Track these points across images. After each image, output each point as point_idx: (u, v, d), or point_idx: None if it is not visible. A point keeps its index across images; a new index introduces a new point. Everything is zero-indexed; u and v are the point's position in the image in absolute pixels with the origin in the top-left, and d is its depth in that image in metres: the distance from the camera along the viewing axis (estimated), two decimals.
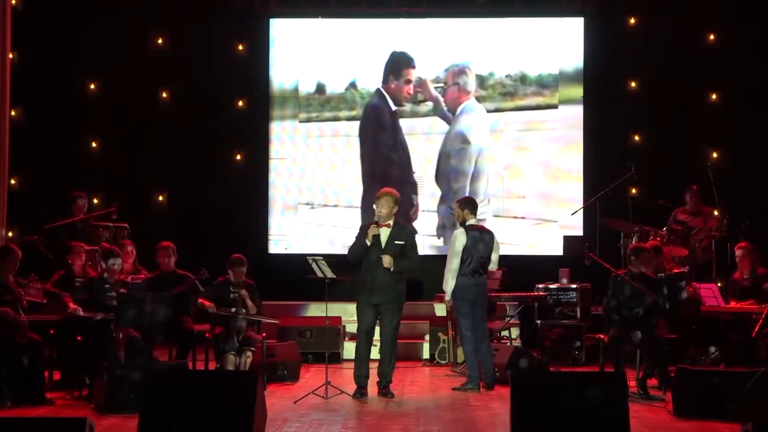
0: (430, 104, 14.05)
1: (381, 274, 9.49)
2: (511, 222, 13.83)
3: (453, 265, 9.93)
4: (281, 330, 11.89)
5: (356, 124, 14.18)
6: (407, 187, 13.83)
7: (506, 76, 14.02)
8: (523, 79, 14.01)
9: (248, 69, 14.20)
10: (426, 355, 12.19)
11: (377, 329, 9.74)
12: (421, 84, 14.05)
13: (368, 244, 9.51)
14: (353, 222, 13.77)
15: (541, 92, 13.99)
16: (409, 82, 14.08)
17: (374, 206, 9.71)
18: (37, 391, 9.10)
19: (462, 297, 9.95)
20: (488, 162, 13.96)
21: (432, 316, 12.57)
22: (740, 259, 10.76)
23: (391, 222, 9.61)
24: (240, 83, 14.22)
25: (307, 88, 14.23)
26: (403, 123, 14.10)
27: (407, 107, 14.11)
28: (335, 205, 14.14)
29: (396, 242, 9.56)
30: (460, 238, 9.97)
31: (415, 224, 13.22)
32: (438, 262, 12.59)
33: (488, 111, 13.98)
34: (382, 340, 9.66)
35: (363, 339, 9.63)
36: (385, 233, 9.56)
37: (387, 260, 9.45)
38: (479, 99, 13.99)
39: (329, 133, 14.23)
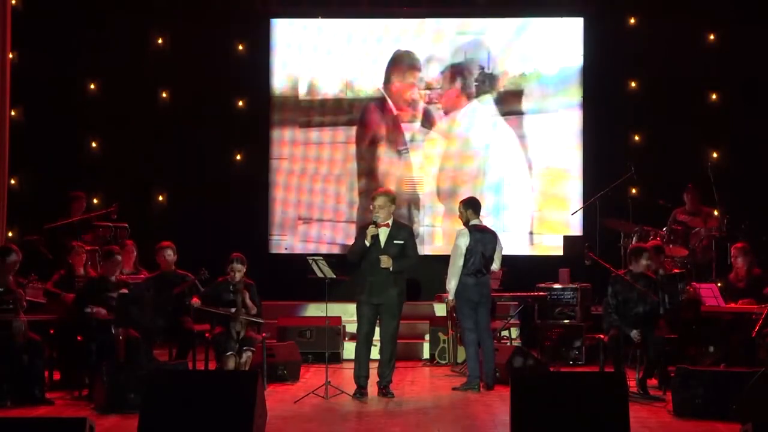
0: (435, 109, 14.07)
1: (381, 274, 9.49)
2: (516, 229, 13.85)
3: (456, 264, 9.94)
4: (281, 330, 11.90)
5: (356, 124, 14.18)
6: (410, 202, 13.87)
7: (506, 76, 14.01)
8: (522, 79, 14.00)
9: (248, 69, 14.19)
10: (426, 355, 12.19)
11: (377, 329, 9.74)
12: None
13: (367, 244, 9.50)
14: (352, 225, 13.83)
15: (540, 92, 13.98)
16: (412, 86, 14.02)
17: (371, 207, 9.71)
18: (37, 391, 9.10)
19: (465, 297, 9.95)
20: (494, 167, 13.95)
21: (432, 316, 12.57)
22: (735, 259, 10.76)
23: (390, 221, 9.60)
24: (240, 83, 14.21)
25: (307, 87, 14.21)
26: (405, 129, 14.11)
27: (409, 112, 14.08)
28: (336, 203, 14.17)
29: (395, 242, 9.55)
30: (463, 237, 9.97)
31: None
32: (436, 262, 12.65)
33: (488, 109, 13.98)
34: (382, 340, 9.65)
35: (363, 339, 9.63)
36: (384, 233, 9.56)
37: (385, 260, 9.45)
38: (479, 99, 14.00)
39: (330, 133, 14.21)
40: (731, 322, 10.41)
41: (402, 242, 9.58)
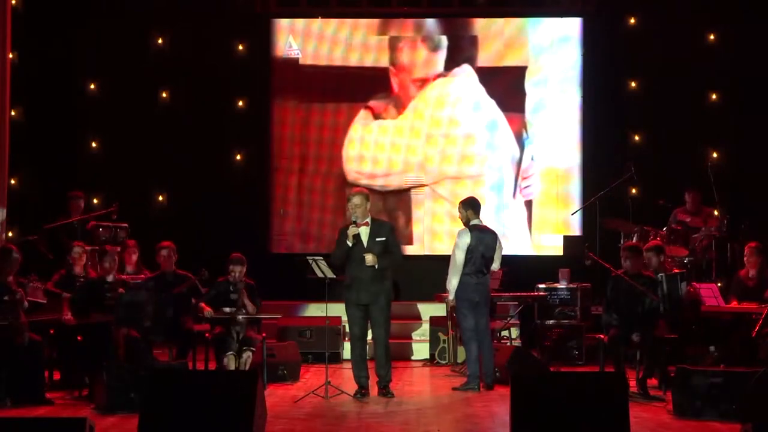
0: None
1: (366, 273, 9.48)
2: (513, 223, 13.86)
3: (456, 264, 9.94)
4: (281, 330, 11.90)
5: (357, 123, 14.16)
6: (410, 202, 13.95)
7: (506, 76, 14.01)
8: (522, 78, 14.00)
9: (248, 69, 14.20)
10: (419, 355, 12.19)
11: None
12: None
13: (350, 245, 9.50)
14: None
15: (540, 92, 13.97)
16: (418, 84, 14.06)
17: (347, 208, 9.72)
18: (37, 391, 9.10)
19: (464, 296, 9.95)
20: (494, 167, 13.97)
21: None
22: (748, 258, 10.71)
23: (368, 220, 9.60)
24: (240, 83, 14.21)
25: (307, 87, 14.21)
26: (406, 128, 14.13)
27: (410, 113, 14.08)
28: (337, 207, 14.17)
29: (378, 239, 9.54)
30: (464, 237, 9.97)
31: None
32: (436, 262, 12.66)
33: (488, 110, 13.97)
34: (375, 341, 9.65)
35: (357, 340, 9.62)
36: (365, 232, 9.54)
37: (370, 258, 9.43)
38: (480, 100, 14.00)
39: (330, 133, 14.21)
40: (731, 322, 10.40)
41: (384, 239, 9.57)
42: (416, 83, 14.05)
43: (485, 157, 13.96)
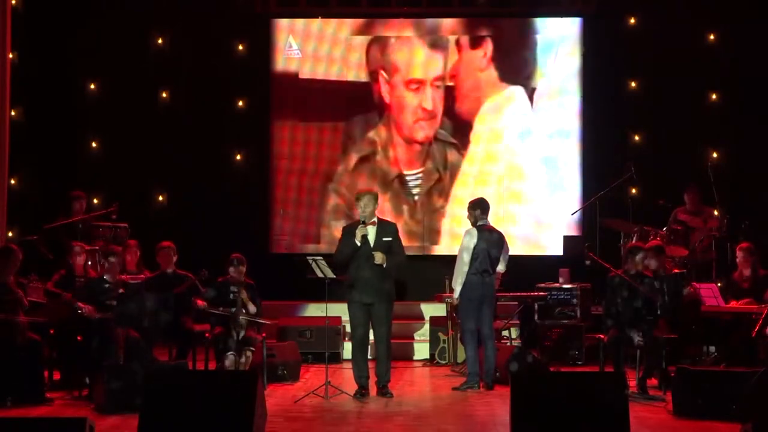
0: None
1: (370, 273, 9.49)
2: (516, 229, 13.84)
3: (463, 263, 9.96)
4: (281, 330, 11.90)
5: (356, 123, 14.16)
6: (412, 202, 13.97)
7: (505, 76, 14.00)
8: (522, 79, 13.99)
9: (248, 69, 14.19)
10: (420, 355, 12.18)
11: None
12: None
13: (359, 244, 9.51)
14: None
15: (540, 92, 13.97)
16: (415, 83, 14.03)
17: (357, 206, 9.73)
18: (37, 391, 9.10)
19: (469, 295, 9.96)
20: (495, 167, 13.97)
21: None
22: (741, 259, 10.73)
23: (375, 219, 9.62)
24: (240, 83, 14.20)
25: (307, 87, 14.21)
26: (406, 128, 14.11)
27: (409, 112, 14.07)
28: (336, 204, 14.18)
29: (384, 239, 9.58)
30: (471, 237, 10.00)
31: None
32: (439, 262, 12.67)
33: (487, 111, 13.98)
34: (376, 340, 9.67)
35: (358, 341, 9.64)
36: (372, 231, 9.58)
37: (379, 257, 9.45)
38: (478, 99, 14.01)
39: (330, 133, 14.21)
40: (731, 322, 10.41)
41: (390, 239, 9.61)
42: (411, 84, 14.05)
43: (487, 157, 13.95)
